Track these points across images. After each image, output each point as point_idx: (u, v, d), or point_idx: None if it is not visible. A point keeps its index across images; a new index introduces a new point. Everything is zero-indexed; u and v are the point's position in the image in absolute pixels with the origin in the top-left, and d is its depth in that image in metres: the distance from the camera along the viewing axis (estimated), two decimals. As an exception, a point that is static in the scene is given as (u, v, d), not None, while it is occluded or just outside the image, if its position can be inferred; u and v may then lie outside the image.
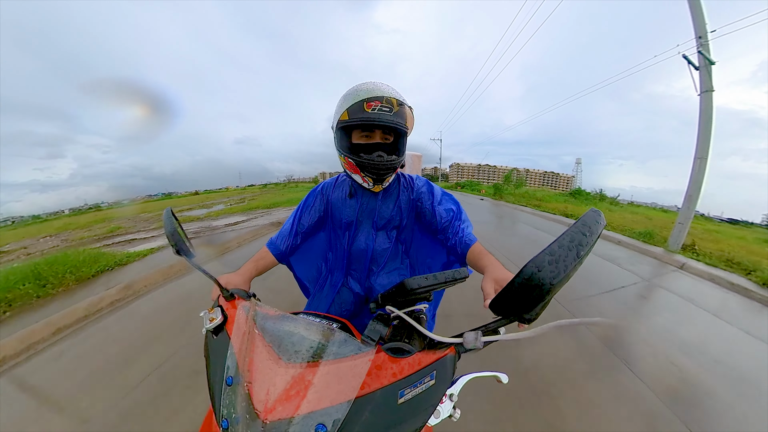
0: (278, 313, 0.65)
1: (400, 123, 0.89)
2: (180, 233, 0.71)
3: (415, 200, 1.07)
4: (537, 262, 0.33)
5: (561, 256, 0.33)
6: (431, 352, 0.51)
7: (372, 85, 0.90)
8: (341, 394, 0.46)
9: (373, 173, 0.94)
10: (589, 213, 0.36)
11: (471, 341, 0.46)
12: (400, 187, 1.10)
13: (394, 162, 0.93)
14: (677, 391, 1.88)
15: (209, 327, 0.61)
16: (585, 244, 0.33)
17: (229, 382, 0.51)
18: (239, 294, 0.72)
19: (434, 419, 0.50)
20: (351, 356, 0.51)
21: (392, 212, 1.08)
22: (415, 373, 0.48)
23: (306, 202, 1.16)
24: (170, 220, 0.72)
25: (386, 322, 0.58)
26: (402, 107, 0.89)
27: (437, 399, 0.48)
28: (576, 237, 0.34)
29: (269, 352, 0.55)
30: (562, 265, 0.32)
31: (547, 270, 0.32)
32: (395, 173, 1.04)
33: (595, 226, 0.35)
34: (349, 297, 1.11)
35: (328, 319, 0.75)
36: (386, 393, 0.46)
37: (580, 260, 0.33)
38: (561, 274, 0.32)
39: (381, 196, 1.08)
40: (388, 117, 0.86)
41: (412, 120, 0.94)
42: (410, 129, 0.96)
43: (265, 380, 0.50)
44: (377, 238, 1.10)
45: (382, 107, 0.86)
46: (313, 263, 1.23)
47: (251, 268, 0.97)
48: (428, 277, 0.51)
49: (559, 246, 0.33)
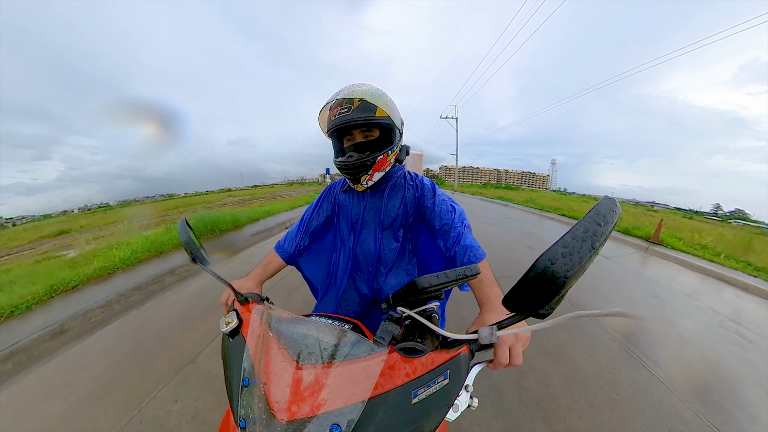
0: (291, 315, 0.66)
1: (365, 117, 0.86)
2: (194, 241, 0.74)
3: (419, 197, 1.06)
4: (550, 254, 0.32)
5: (575, 247, 0.31)
6: (444, 351, 0.50)
7: (339, 92, 0.90)
8: (355, 394, 0.46)
9: (348, 173, 0.95)
10: (602, 201, 0.34)
11: (486, 336, 0.45)
12: (406, 185, 1.08)
13: (363, 160, 0.90)
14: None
15: (225, 330, 0.63)
16: (600, 234, 0.32)
17: (246, 383, 0.52)
18: (253, 298, 0.73)
19: (453, 414, 0.50)
20: (364, 357, 0.51)
21: (398, 210, 1.06)
22: (428, 373, 0.47)
23: (316, 202, 1.18)
24: (185, 229, 0.74)
25: (398, 322, 0.57)
26: (363, 101, 0.87)
27: (452, 398, 0.48)
28: (590, 227, 0.32)
29: (284, 354, 0.56)
30: (577, 257, 0.31)
31: (560, 263, 0.31)
32: (385, 170, 0.98)
33: (610, 215, 0.33)
34: (356, 298, 1.09)
35: (340, 320, 0.75)
36: (400, 393, 0.46)
37: (595, 251, 0.31)
38: (576, 267, 0.31)
39: (387, 195, 1.06)
40: (346, 117, 0.87)
41: (386, 109, 0.88)
42: (388, 116, 0.89)
43: (281, 381, 0.51)
44: (384, 238, 1.08)
45: (341, 109, 0.88)
46: (322, 264, 1.22)
47: (261, 272, 0.99)
48: (439, 275, 0.50)
49: (572, 237, 0.32)
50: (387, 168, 0.98)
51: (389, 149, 0.94)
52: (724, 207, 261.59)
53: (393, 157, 0.99)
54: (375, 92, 0.89)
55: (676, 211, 42.43)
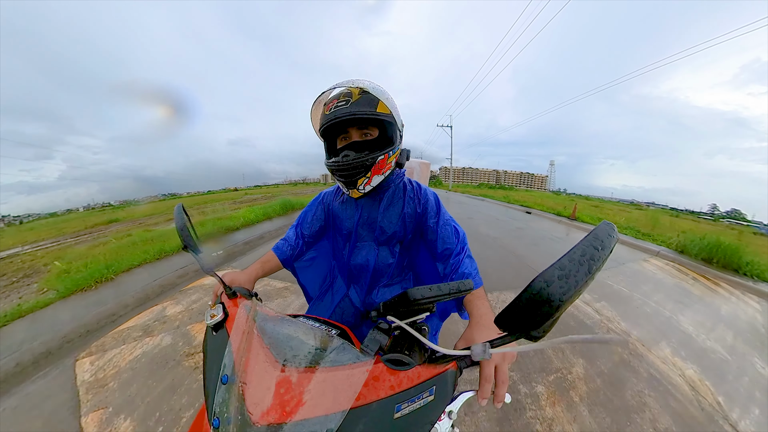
0: (279, 314, 0.64)
1: (365, 111, 0.78)
2: (189, 229, 0.72)
3: (420, 213, 0.97)
4: (546, 276, 0.32)
5: (572, 271, 0.31)
6: (432, 366, 0.49)
7: (334, 87, 0.85)
8: (336, 403, 0.44)
9: (342, 176, 0.85)
10: (601, 226, 0.34)
11: (479, 353, 0.44)
12: (406, 197, 0.98)
13: (362, 159, 0.80)
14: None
15: (210, 323, 0.61)
16: (597, 258, 0.32)
17: (224, 380, 0.51)
18: (241, 292, 0.72)
19: None
20: (348, 365, 0.50)
21: (396, 227, 0.97)
22: (413, 387, 0.46)
23: (307, 211, 1.14)
24: (181, 215, 0.73)
25: (387, 333, 0.56)
26: (366, 94, 0.80)
27: (435, 416, 0.46)
28: (588, 251, 0.32)
29: (266, 353, 0.54)
30: (573, 280, 0.31)
31: (556, 285, 0.31)
32: (384, 174, 0.89)
33: (608, 240, 0.33)
34: (350, 308, 1.06)
35: (329, 324, 0.74)
36: (382, 406, 0.44)
37: (591, 276, 0.31)
38: (571, 290, 0.31)
39: (384, 207, 0.97)
40: (344, 110, 0.78)
41: (388, 105, 0.82)
42: (390, 114, 0.83)
43: (260, 382, 0.49)
44: (380, 252, 1.01)
45: (339, 102, 0.80)
46: (318, 270, 1.21)
47: (258, 269, 0.96)
48: (432, 288, 0.49)
49: (569, 260, 0.32)
50: (387, 172, 0.89)
51: (390, 150, 0.85)
52: (720, 207, 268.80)
53: (393, 160, 0.90)
54: (376, 86, 0.82)
55: (666, 210, 50.18)
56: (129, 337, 2.63)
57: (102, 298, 3.36)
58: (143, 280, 3.81)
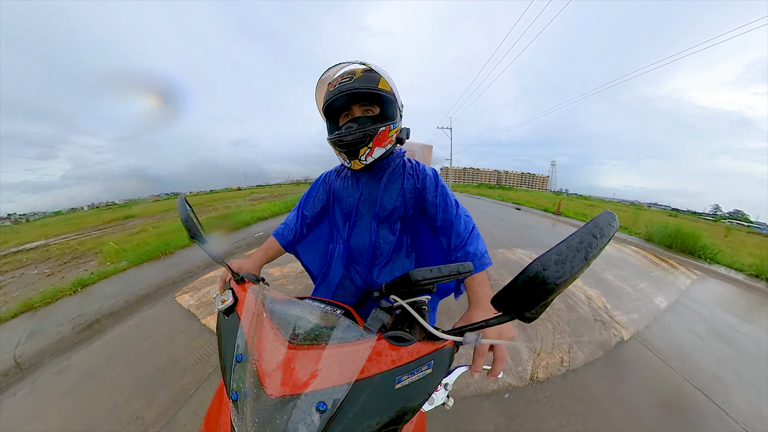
0: (285, 297, 0.68)
1: (368, 86, 0.83)
2: (193, 219, 0.74)
3: (420, 189, 0.99)
4: (543, 260, 0.33)
5: (568, 256, 0.32)
6: (430, 342, 0.52)
7: (337, 64, 0.90)
8: (342, 376, 0.48)
9: (345, 147, 0.88)
10: (602, 214, 0.35)
11: (471, 341, 0.47)
12: (405, 174, 1.00)
13: (365, 129, 0.85)
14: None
15: (221, 308, 0.65)
16: (594, 246, 0.32)
17: (239, 359, 0.55)
18: (249, 278, 0.75)
19: (428, 405, 0.52)
20: (353, 341, 0.53)
21: (396, 202, 0.99)
22: (413, 361, 0.50)
23: (309, 192, 1.15)
24: (184, 206, 0.75)
25: (389, 312, 0.59)
26: (370, 72, 0.85)
27: (433, 387, 0.50)
28: (586, 238, 0.33)
29: (276, 333, 0.58)
30: (569, 265, 0.32)
31: (552, 269, 0.32)
32: (386, 147, 0.92)
33: (607, 229, 0.33)
34: (351, 289, 1.07)
35: (333, 305, 0.78)
36: (385, 378, 0.48)
37: (587, 262, 0.32)
38: (566, 275, 0.31)
39: (384, 183, 1.00)
40: (348, 85, 0.83)
41: (389, 82, 0.87)
42: (391, 91, 0.88)
43: (272, 359, 0.53)
44: (380, 231, 1.02)
45: (342, 80, 0.85)
46: (320, 252, 1.22)
47: (261, 256, 1.00)
48: (433, 270, 0.52)
49: (567, 246, 0.32)
50: (388, 145, 0.92)
51: (391, 123, 0.89)
52: (724, 208, 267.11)
53: (394, 135, 0.93)
54: (378, 66, 0.86)
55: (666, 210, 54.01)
56: (213, 281, 3.56)
57: (174, 263, 4.24)
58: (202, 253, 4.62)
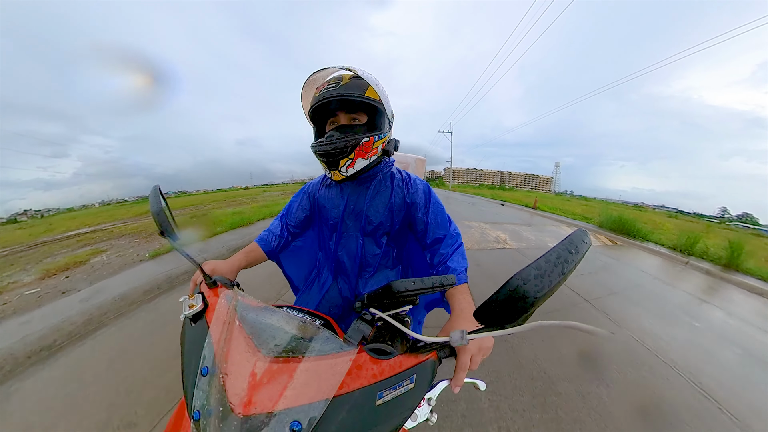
0: (261, 304, 0.63)
1: (353, 94, 0.79)
2: (166, 213, 0.69)
3: (409, 204, 0.96)
4: (523, 275, 0.34)
5: (547, 271, 0.33)
6: (413, 355, 0.51)
7: (325, 68, 0.86)
8: (319, 392, 0.45)
9: (325, 157, 0.84)
10: (576, 232, 0.37)
11: (457, 339, 0.46)
12: (394, 186, 0.96)
13: (346, 139, 0.81)
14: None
15: (188, 314, 0.60)
16: (570, 261, 0.34)
17: (204, 372, 0.50)
18: (222, 282, 0.70)
19: (411, 422, 0.50)
20: (332, 354, 0.50)
21: (382, 217, 0.96)
22: (395, 375, 0.48)
23: (293, 201, 1.12)
24: (157, 198, 0.68)
25: (370, 323, 0.57)
26: (357, 79, 0.81)
27: (415, 402, 0.48)
28: (562, 254, 0.34)
29: (248, 343, 0.54)
30: (547, 280, 0.33)
31: (532, 284, 0.33)
32: (370, 159, 0.88)
33: (581, 245, 0.36)
34: (338, 299, 1.04)
35: (313, 315, 0.74)
36: (365, 393, 0.45)
37: (564, 277, 0.34)
38: (545, 289, 0.33)
39: (370, 196, 0.96)
40: (333, 91, 0.79)
41: (378, 90, 0.82)
42: (379, 100, 0.83)
43: (242, 373, 0.49)
44: (366, 244, 0.99)
45: (329, 85, 0.82)
46: (304, 261, 1.19)
47: (241, 259, 0.93)
48: (416, 281, 0.51)
49: (546, 261, 0.34)
50: (372, 157, 0.87)
51: (377, 134, 0.85)
52: (733, 211, 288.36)
53: (380, 146, 0.88)
54: (367, 73, 0.82)
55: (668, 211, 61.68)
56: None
57: (262, 227, 5.31)
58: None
